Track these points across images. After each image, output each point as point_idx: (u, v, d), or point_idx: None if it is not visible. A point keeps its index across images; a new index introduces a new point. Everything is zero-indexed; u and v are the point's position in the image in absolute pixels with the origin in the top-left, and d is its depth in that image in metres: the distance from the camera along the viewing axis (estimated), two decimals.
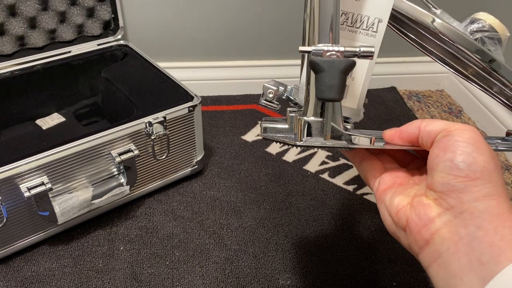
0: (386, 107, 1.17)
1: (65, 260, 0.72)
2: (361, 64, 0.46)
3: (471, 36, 0.48)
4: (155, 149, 0.78)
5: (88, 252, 0.73)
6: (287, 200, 0.85)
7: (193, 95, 0.81)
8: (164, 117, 0.76)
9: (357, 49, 0.38)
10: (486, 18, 0.49)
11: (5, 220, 0.67)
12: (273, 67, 1.17)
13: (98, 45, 0.96)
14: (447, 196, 0.34)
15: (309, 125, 0.43)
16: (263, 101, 0.49)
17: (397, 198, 0.40)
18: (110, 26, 0.97)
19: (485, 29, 0.48)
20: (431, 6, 0.50)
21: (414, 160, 0.46)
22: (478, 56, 0.47)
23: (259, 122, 0.46)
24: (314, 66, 0.39)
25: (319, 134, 0.43)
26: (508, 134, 0.54)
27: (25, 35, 0.89)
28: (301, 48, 0.40)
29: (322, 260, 0.74)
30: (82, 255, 0.72)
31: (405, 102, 1.20)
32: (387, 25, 0.46)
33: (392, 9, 0.45)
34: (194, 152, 0.85)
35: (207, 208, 0.82)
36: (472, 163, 0.34)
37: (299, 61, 0.48)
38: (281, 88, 0.48)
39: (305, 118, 0.43)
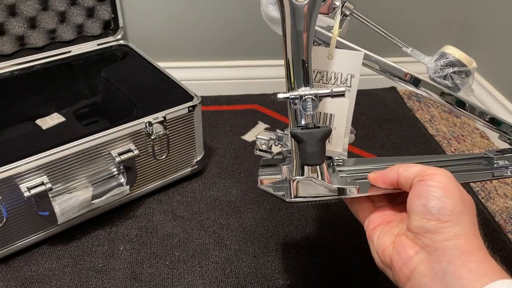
0: (386, 107, 1.17)
1: (65, 260, 0.72)
2: (341, 115, 0.51)
3: (440, 71, 0.53)
4: (155, 149, 0.78)
5: (88, 252, 0.73)
6: None
7: (193, 95, 0.81)
8: (164, 117, 0.76)
9: (329, 90, 0.43)
10: (454, 52, 0.53)
11: (5, 220, 0.67)
12: (273, 67, 1.17)
13: (98, 45, 0.96)
14: (422, 236, 0.39)
15: (299, 183, 0.46)
16: (257, 151, 0.54)
17: (383, 237, 0.44)
18: (110, 26, 0.97)
19: (453, 63, 0.53)
20: (401, 45, 0.55)
21: (403, 192, 0.48)
22: (444, 99, 0.52)
23: (259, 168, 0.54)
24: (295, 138, 0.44)
25: (308, 191, 0.47)
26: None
27: (25, 35, 0.89)
28: (280, 96, 0.44)
29: (322, 260, 0.74)
30: (82, 255, 0.72)
31: (405, 102, 1.20)
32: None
33: (365, 61, 0.50)
34: (194, 152, 0.85)
35: (207, 208, 0.82)
36: (442, 208, 0.38)
37: None
38: (272, 138, 0.53)
39: (295, 177, 0.46)
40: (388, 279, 0.73)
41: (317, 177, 0.46)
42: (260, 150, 0.53)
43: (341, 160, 0.53)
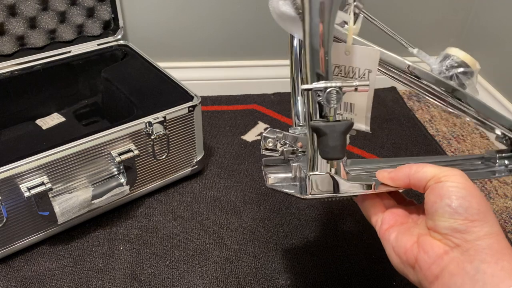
0: (386, 107, 1.17)
1: (65, 260, 0.72)
2: (361, 100, 0.53)
3: (446, 72, 0.54)
4: (155, 149, 0.78)
5: (88, 252, 0.73)
6: (287, 200, 0.85)
7: (193, 95, 0.81)
8: (164, 117, 0.76)
9: (354, 83, 0.43)
10: (458, 54, 0.54)
11: (5, 220, 0.67)
12: (273, 67, 1.17)
13: (98, 45, 0.96)
14: (451, 236, 0.39)
15: (316, 179, 0.45)
16: (263, 151, 0.53)
17: (403, 238, 0.43)
18: (110, 26, 0.97)
19: (459, 64, 0.54)
20: (408, 46, 0.57)
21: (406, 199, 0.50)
22: (443, 88, 0.52)
23: (262, 167, 0.53)
24: (317, 131, 0.43)
25: (325, 187, 0.46)
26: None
27: (25, 35, 0.89)
28: (303, 87, 0.43)
29: (322, 260, 0.74)
30: (82, 255, 0.72)
31: (405, 102, 1.20)
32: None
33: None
34: (194, 152, 0.85)
35: (207, 208, 0.82)
36: (468, 207, 0.38)
37: None
38: (279, 136, 0.52)
39: (311, 173, 0.45)
40: (389, 280, 0.73)
41: (334, 173, 0.45)
42: (266, 149, 0.52)
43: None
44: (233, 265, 0.72)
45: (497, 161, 0.58)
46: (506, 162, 0.58)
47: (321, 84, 0.42)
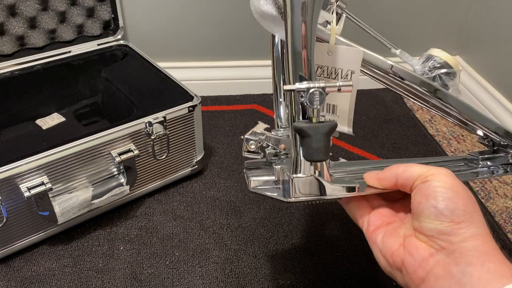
0: (386, 107, 1.17)
1: (65, 260, 0.72)
2: (344, 101, 0.52)
3: (429, 73, 0.54)
4: (155, 149, 0.78)
5: (88, 252, 0.73)
6: None
7: (193, 95, 0.81)
8: (164, 117, 0.76)
9: (337, 84, 0.42)
10: (440, 55, 0.55)
11: (5, 220, 0.67)
12: None
13: (98, 45, 0.96)
14: (437, 239, 0.38)
15: (299, 182, 0.45)
16: (246, 153, 0.52)
17: (389, 240, 0.42)
18: (110, 26, 0.98)
19: (441, 65, 0.54)
20: (391, 47, 0.55)
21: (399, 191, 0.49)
22: (426, 89, 0.53)
23: (244, 170, 0.51)
24: (301, 132, 0.42)
25: (309, 189, 0.45)
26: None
27: (25, 35, 0.89)
28: (286, 87, 0.42)
29: (322, 260, 0.74)
30: (82, 255, 0.72)
31: (405, 102, 1.20)
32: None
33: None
34: (194, 152, 0.85)
35: (207, 208, 0.82)
36: (455, 208, 0.37)
37: None
38: (261, 138, 0.51)
39: (294, 176, 0.44)
40: (389, 280, 0.72)
41: (318, 175, 0.44)
42: (249, 152, 0.51)
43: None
44: (233, 265, 0.72)
45: (480, 162, 0.58)
46: (489, 163, 0.58)
47: (304, 85, 0.42)
